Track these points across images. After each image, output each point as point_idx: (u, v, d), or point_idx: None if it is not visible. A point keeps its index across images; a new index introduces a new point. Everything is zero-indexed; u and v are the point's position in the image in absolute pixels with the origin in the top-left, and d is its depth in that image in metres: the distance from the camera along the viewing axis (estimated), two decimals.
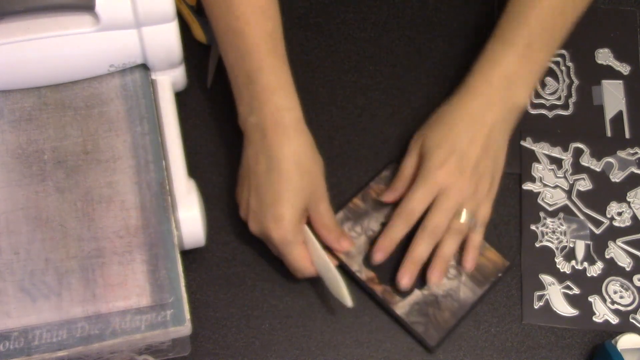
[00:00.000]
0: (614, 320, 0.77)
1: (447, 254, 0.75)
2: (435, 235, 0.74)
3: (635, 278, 0.78)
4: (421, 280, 0.76)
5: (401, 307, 0.75)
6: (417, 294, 0.76)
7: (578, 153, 0.83)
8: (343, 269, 0.76)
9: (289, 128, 0.72)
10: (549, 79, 0.86)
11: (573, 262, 0.79)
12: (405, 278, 0.74)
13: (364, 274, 0.76)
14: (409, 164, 0.77)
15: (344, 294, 0.72)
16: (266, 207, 0.71)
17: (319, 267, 0.73)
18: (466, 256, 0.76)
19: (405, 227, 0.75)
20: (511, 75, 0.75)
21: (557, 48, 0.77)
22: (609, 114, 0.85)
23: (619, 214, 0.81)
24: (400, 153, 0.82)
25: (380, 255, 0.75)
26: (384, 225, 0.77)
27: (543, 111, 0.85)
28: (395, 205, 0.77)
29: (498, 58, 0.75)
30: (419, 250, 0.74)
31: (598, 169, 0.83)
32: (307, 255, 0.73)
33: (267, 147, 0.71)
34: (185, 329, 0.67)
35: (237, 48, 0.72)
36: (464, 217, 0.75)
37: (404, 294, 0.76)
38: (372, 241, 0.77)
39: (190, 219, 0.71)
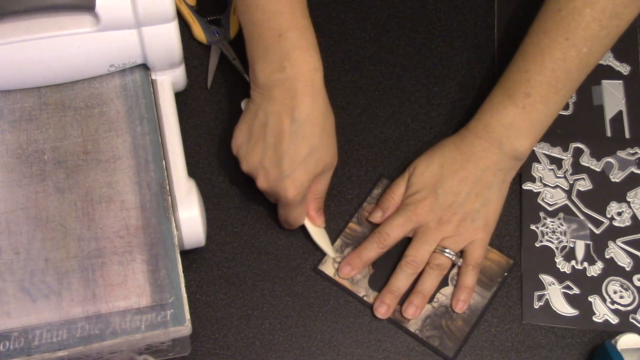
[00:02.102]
0: (614, 320, 0.77)
1: (424, 288, 0.76)
2: (413, 266, 0.76)
3: (635, 278, 0.78)
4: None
5: (414, 324, 0.76)
6: (427, 308, 0.76)
7: (578, 153, 0.83)
8: (351, 294, 0.76)
9: (318, 89, 0.72)
10: None
11: (573, 262, 0.79)
12: (382, 308, 0.75)
13: (371, 297, 0.76)
14: (398, 189, 0.79)
15: (328, 246, 0.77)
16: (284, 168, 0.71)
17: (307, 223, 0.77)
18: (456, 296, 0.76)
19: (377, 249, 0.77)
20: (509, 124, 0.75)
21: (562, 101, 0.75)
22: (609, 114, 0.85)
23: (619, 214, 0.81)
24: (400, 153, 0.83)
25: (346, 269, 0.77)
26: None
27: None
28: None
29: (497, 106, 0.76)
30: (397, 280, 0.76)
31: (598, 169, 0.83)
32: (305, 214, 0.75)
33: (295, 107, 0.70)
34: (185, 329, 0.67)
35: (268, 6, 0.71)
36: (446, 254, 0.76)
37: None
38: (374, 263, 0.77)
39: (190, 219, 0.71)
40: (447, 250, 0.76)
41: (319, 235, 0.78)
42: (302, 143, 0.71)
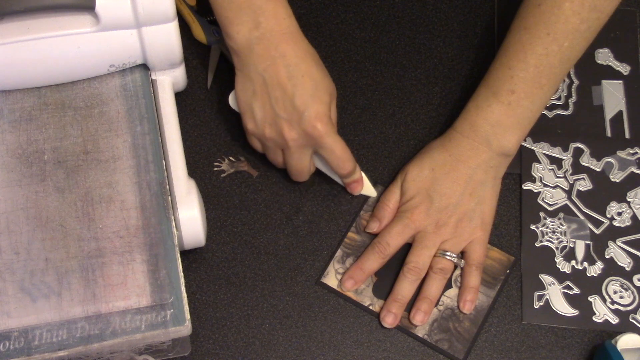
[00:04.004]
0: (614, 320, 0.77)
1: (430, 294, 0.76)
2: (416, 272, 0.76)
3: (635, 278, 0.78)
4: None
5: (421, 329, 0.76)
6: (433, 311, 0.76)
7: (578, 153, 0.83)
8: (356, 305, 0.76)
9: (296, 32, 0.73)
10: None
11: (573, 262, 0.79)
12: (389, 317, 0.75)
13: (376, 305, 0.76)
14: (391, 197, 0.79)
15: (370, 188, 0.80)
16: (299, 107, 0.71)
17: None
18: (462, 297, 0.76)
19: (378, 259, 0.77)
20: (496, 122, 0.75)
21: (547, 95, 0.76)
22: (609, 114, 0.85)
23: (619, 214, 0.81)
24: (400, 153, 0.83)
25: (349, 283, 0.77)
26: None
27: (543, 111, 0.84)
28: None
29: (483, 105, 0.76)
30: (401, 288, 0.76)
31: (598, 169, 0.83)
32: (343, 142, 0.75)
33: (283, 55, 0.72)
34: (185, 329, 0.67)
35: None
36: (447, 256, 0.76)
37: None
38: (376, 271, 0.77)
39: (190, 219, 0.71)
40: (448, 253, 0.76)
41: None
42: (305, 80, 0.72)
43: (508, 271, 0.78)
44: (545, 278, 0.78)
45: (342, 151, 0.74)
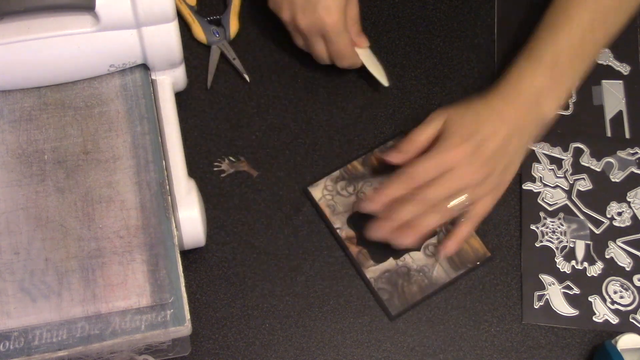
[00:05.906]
0: (614, 320, 0.77)
1: (422, 224, 0.73)
2: (422, 205, 0.73)
3: (635, 278, 0.78)
4: (398, 250, 0.76)
5: (372, 272, 0.76)
6: (391, 262, 0.76)
7: (578, 153, 0.83)
8: (326, 222, 0.77)
9: None
10: None
11: (573, 262, 0.79)
12: (376, 231, 0.73)
13: (344, 232, 0.77)
14: (425, 133, 0.76)
15: (382, 75, 0.83)
16: (315, 0, 0.76)
17: (361, 54, 0.82)
18: (446, 241, 0.75)
19: (401, 189, 0.73)
20: (538, 90, 0.75)
21: (587, 67, 0.77)
22: (609, 114, 0.85)
23: (619, 214, 0.81)
24: None
25: (366, 204, 0.74)
26: None
27: None
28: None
29: (525, 74, 0.76)
30: (399, 210, 0.73)
31: (598, 169, 0.83)
32: (350, 41, 0.80)
33: None
34: (185, 329, 0.67)
35: None
36: (459, 200, 0.73)
37: (378, 259, 0.77)
38: (364, 219, 0.76)
39: (190, 219, 0.71)
40: (463, 197, 0.73)
41: (370, 63, 0.82)
42: None
43: (478, 263, 0.78)
44: (545, 278, 0.78)
45: (343, 47, 0.79)
